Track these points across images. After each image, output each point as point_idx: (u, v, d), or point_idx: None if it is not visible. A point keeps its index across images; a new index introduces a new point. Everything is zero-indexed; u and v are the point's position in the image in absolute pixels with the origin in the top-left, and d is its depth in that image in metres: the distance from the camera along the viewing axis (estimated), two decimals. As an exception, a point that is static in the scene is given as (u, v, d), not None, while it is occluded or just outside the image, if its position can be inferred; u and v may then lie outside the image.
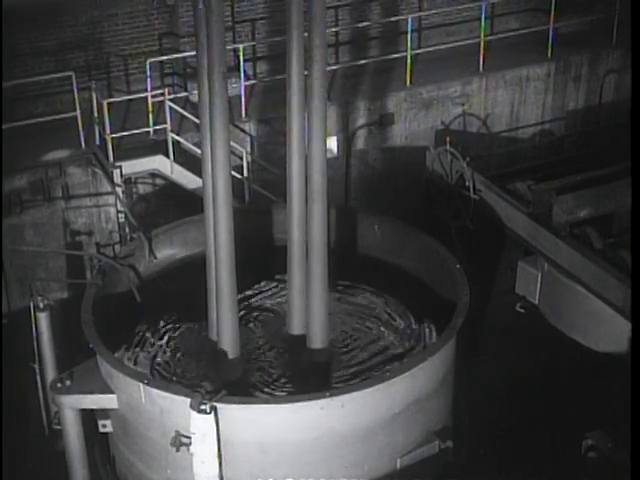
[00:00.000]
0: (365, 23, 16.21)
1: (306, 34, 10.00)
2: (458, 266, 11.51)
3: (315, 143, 10.30)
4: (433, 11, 16.65)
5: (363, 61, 15.94)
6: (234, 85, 14.36)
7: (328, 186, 10.57)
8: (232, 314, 10.70)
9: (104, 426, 10.93)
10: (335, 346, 11.38)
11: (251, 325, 11.89)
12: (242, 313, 11.72)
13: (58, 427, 11.13)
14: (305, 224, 10.72)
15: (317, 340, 11.05)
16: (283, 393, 10.79)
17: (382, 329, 11.73)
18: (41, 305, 11.18)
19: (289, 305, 11.30)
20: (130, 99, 14.43)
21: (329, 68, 11.88)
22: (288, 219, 10.87)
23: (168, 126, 13.68)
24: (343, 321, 11.87)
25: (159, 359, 11.28)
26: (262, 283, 12.48)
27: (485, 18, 16.23)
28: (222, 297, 10.61)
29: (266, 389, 10.87)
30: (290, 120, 10.45)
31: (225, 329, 10.76)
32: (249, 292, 12.28)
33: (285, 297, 11.58)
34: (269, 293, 12.42)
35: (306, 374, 11.08)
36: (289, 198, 10.79)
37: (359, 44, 16.42)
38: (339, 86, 15.71)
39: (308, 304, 10.93)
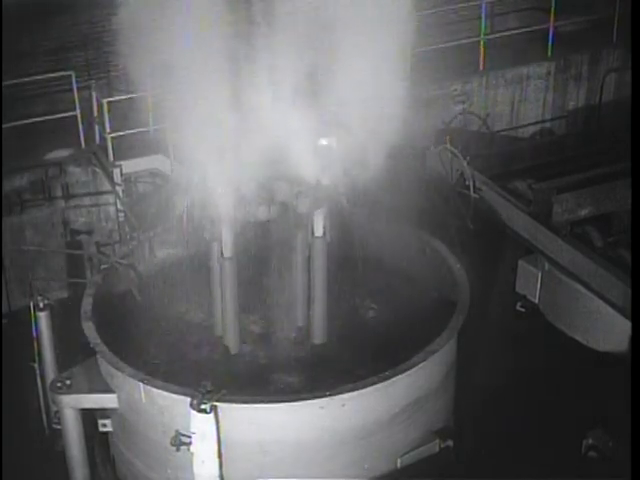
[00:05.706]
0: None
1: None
2: (458, 266, 11.51)
3: None
4: (433, 10, 16.64)
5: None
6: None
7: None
8: (234, 312, 10.92)
9: (104, 426, 10.92)
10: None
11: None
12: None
13: (58, 427, 11.13)
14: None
15: (318, 335, 11.28)
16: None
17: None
18: (41, 304, 11.18)
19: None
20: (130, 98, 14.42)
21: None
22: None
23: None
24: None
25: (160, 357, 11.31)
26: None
27: (485, 17, 16.23)
28: (226, 294, 10.80)
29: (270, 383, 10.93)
30: None
31: (229, 325, 10.95)
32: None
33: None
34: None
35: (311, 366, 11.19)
36: None
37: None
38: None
39: (310, 302, 11.21)
